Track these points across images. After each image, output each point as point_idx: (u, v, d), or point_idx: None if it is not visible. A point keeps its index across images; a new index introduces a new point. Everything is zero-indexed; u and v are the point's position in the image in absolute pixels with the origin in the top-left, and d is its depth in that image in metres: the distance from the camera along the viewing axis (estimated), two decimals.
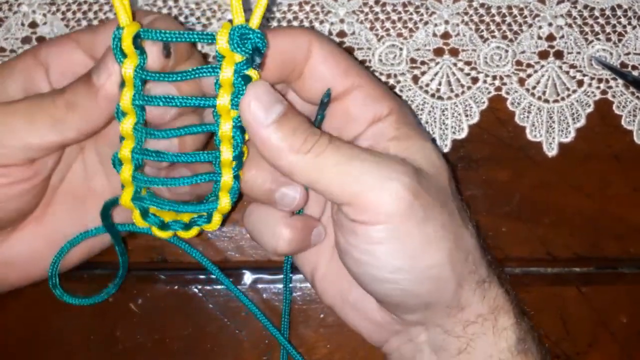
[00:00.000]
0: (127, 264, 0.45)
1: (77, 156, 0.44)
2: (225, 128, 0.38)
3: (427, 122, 0.48)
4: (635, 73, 0.48)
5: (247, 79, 0.37)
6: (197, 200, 0.43)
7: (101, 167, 0.44)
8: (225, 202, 0.40)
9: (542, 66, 0.48)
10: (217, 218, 0.40)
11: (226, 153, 0.38)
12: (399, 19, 0.48)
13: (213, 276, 0.48)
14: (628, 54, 0.48)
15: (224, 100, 0.37)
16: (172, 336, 0.48)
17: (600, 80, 0.48)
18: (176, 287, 0.48)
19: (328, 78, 0.40)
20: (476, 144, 0.48)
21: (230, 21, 0.36)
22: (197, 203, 0.41)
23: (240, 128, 0.38)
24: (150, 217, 0.41)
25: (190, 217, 0.41)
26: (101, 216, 0.42)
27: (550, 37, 0.48)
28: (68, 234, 0.43)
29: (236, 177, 0.39)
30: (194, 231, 0.41)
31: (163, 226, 0.41)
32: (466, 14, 0.48)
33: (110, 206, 0.42)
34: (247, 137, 0.39)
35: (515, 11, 0.48)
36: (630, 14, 0.48)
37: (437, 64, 0.48)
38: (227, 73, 0.36)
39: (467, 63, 0.48)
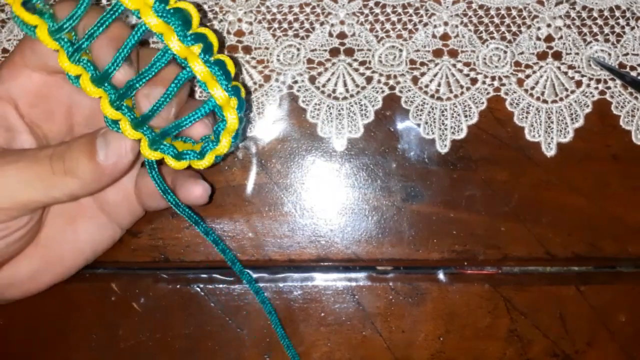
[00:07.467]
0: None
1: None
2: (153, 23, 0.36)
3: (426, 123, 0.48)
4: (633, 74, 0.48)
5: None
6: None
7: None
8: (219, 94, 0.38)
9: (541, 67, 0.48)
10: (232, 115, 0.38)
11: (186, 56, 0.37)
12: (399, 20, 0.48)
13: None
14: (626, 54, 0.48)
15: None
16: (174, 335, 0.48)
17: (598, 81, 0.48)
18: (178, 286, 0.48)
19: None
20: (475, 144, 0.48)
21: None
22: (199, 108, 0.39)
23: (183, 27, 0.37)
24: (164, 146, 0.39)
25: (200, 146, 0.40)
26: (151, 174, 0.41)
27: (549, 38, 0.48)
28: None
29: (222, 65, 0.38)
30: (208, 158, 0.40)
31: (178, 156, 0.40)
32: (465, 15, 0.48)
33: (153, 164, 0.40)
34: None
35: (514, 12, 0.48)
36: (628, 14, 0.48)
37: (436, 65, 0.48)
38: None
39: (466, 64, 0.48)
